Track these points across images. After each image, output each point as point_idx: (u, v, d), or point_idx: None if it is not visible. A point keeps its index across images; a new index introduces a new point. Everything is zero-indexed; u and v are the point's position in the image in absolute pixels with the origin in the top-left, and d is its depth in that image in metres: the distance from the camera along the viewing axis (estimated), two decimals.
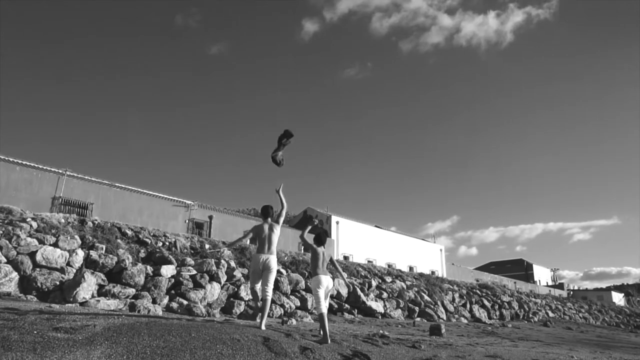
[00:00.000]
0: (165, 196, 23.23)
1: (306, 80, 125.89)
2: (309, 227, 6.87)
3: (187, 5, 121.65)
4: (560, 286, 59.78)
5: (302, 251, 24.44)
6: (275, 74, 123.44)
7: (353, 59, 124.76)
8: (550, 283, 64.50)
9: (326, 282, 6.19)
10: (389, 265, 31.54)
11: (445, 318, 19.07)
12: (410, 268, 36.72)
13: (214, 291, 12.41)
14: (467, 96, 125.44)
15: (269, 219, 6.79)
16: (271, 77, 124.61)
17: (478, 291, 24.83)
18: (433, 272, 37.93)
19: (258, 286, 6.38)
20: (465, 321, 19.58)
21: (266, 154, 15.52)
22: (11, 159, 19.34)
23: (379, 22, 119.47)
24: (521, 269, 64.98)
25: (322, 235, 6.68)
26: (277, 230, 6.70)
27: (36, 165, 19.90)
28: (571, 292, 57.62)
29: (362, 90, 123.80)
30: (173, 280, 12.28)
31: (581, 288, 67.17)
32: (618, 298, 59.40)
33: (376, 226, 39.57)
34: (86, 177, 21.11)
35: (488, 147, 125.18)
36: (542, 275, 66.25)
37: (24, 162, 19.62)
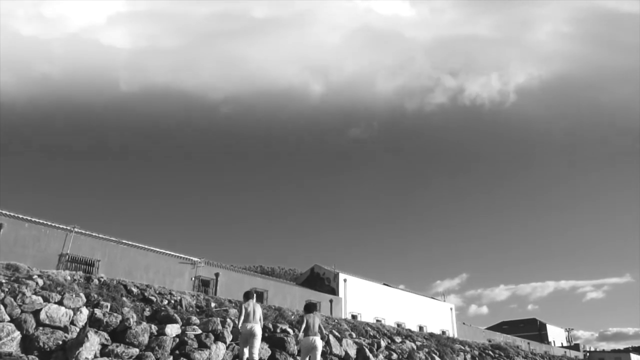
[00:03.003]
0: (172, 253, 23.13)
1: (313, 139, 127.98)
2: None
3: None
4: (576, 347, 57.71)
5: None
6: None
7: (359, 119, 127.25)
8: (565, 344, 62.34)
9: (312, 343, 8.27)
10: (398, 325, 30.75)
11: None
12: (420, 327, 35.75)
13: (219, 352, 12.10)
14: (473, 154, 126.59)
15: (253, 300, 9.25)
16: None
17: (491, 352, 24.03)
18: (444, 332, 36.88)
19: (247, 350, 8.65)
20: None
21: (272, 211, 15.50)
22: (20, 216, 19.51)
23: (384, 82, 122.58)
24: (534, 329, 63.07)
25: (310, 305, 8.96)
26: (259, 307, 9.21)
27: (45, 222, 20.02)
28: (587, 354, 55.54)
29: (368, 148, 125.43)
30: (177, 339, 12.01)
31: (598, 349, 64.82)
32: None
33: (384, 284, 38.92)
34: (94, 234, 21.16)
35: (496, 205, 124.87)
36: (556, 335, 64.16)
37: (33, 219, 19.77)
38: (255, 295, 9.73)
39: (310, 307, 8.95)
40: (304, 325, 8.37)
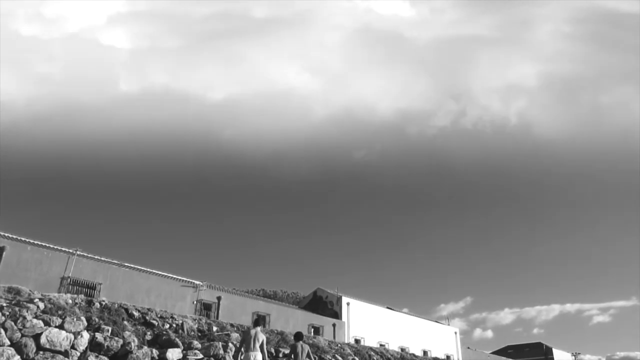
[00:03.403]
0: (174, 276, 23.00)
1: (315, 162, 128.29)
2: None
3: None
4: None
5: (312, 334, 23.77)
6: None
7: (361, 142, 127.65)
8: None
9: None
10: (402, 349, 30.32)
11: None
12: (425, 352, 35.22)
13: None
14: (476, 176, 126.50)
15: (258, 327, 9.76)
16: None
17: None
18: (448, 357, 36.33)
19: None
20: None
21: (274, 234, 15.47)
22: (23, 239, 19.49)
23: (385, 106, 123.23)
24: (540, 353, 62.04)
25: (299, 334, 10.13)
26: (261, 334, 9.62)
27: (47, 245, 19.99)
28: None
29: (371, 171, 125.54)
30: None
31: None
32: None
33: (388, 307, 38.51)
34: (95, 257, 21.09)
35: (500, 227, 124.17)
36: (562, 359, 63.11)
37: (36, 242, 19.74)
38: (257, 319, 10.34)
39: (298, 336, 10.07)
40: (293, 355, 9.66)
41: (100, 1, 38.88)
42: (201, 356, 12.28)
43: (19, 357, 9.78)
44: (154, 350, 11.70)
